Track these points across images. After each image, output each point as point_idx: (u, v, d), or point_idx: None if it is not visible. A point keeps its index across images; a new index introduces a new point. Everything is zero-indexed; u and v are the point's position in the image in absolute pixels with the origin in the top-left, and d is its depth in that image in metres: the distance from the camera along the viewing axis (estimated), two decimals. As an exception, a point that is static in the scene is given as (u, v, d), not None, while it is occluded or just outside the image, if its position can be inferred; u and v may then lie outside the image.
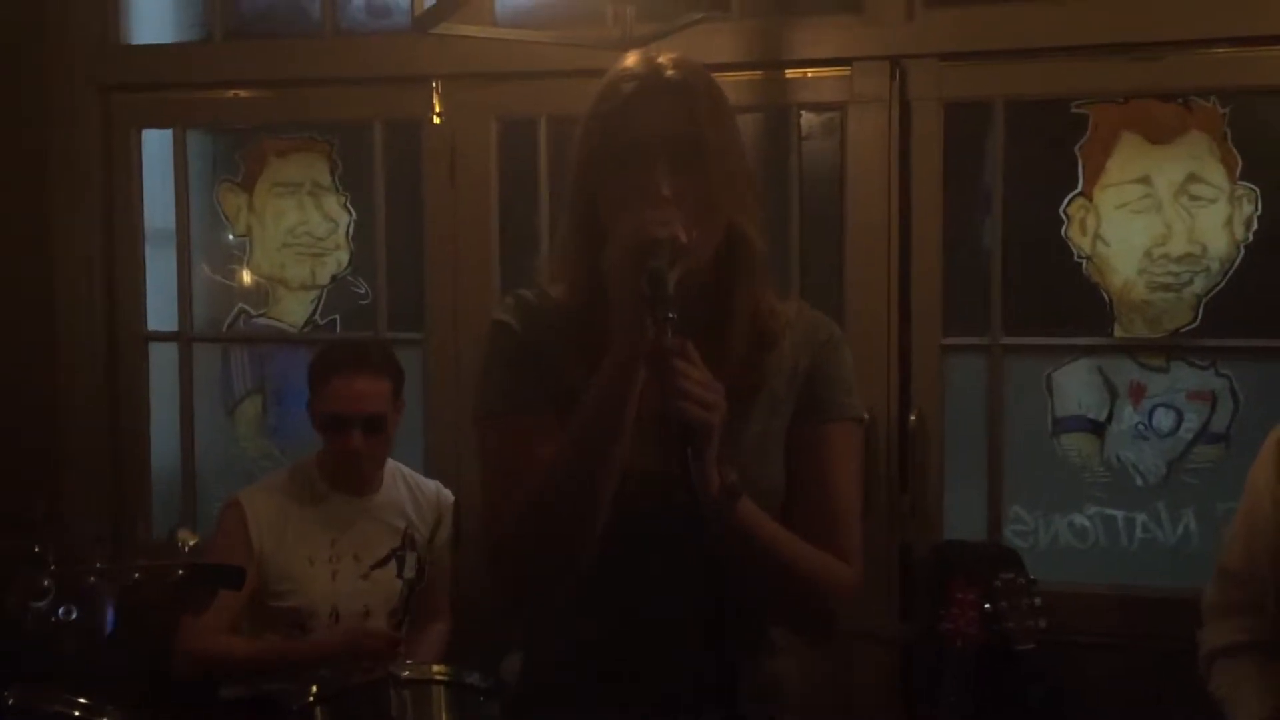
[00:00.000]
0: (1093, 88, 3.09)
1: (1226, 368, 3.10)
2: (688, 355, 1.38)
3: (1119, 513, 3.17)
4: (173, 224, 3.60)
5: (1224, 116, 3.06)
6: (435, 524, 3.06)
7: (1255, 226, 3.06)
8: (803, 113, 3.23)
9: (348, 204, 3.62)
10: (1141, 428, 3.15)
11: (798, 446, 1.65)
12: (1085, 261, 3.15)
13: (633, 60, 1.61)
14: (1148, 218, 3.10)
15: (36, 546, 2.26)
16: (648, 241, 1.43)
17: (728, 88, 1.64)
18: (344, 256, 3.64)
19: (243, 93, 3.55)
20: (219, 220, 3.70)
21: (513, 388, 1.61)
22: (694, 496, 1.32)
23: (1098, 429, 3.17)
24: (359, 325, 3.59)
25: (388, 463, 3.05)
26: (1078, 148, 3.14)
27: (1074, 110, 3.14)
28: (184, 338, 3.62)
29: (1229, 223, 3.06)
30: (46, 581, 2.22)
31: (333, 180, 3.63)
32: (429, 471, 3.22)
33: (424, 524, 3.03)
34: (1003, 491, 3.16)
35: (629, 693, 1.60)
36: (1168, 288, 3.11)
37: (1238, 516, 2.36)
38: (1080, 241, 3.15)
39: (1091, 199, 3.14)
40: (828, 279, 3.17)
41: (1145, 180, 3.10)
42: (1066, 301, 3.17)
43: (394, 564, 2.96)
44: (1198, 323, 3.09)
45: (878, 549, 3.02)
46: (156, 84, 3.57)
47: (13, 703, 2.35)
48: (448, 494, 3.12)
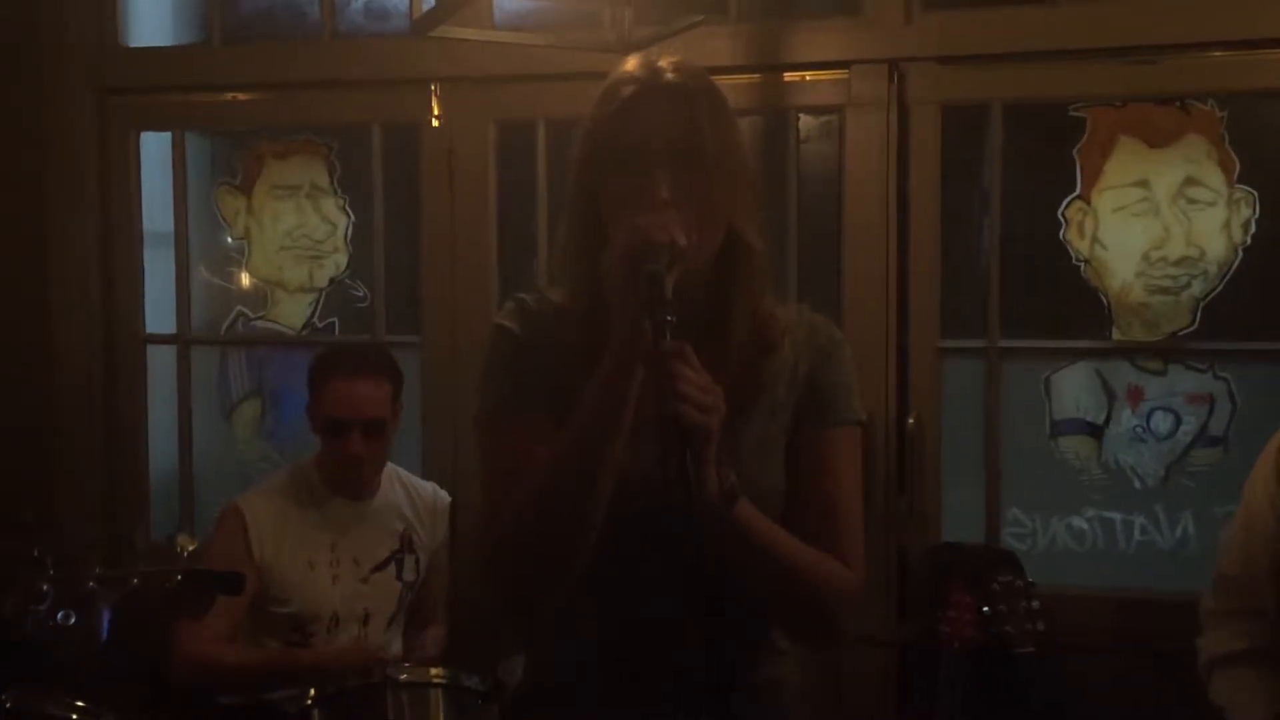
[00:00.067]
0: (1090, 91, 3.09)
1: (1224, 371, 3.10)
2: (686, 358, 1.38)
3: (1117, 515, 3.17)
4: (171, 226, 3.60)
5: (1222, 120, 3.06)
6: (432, 526, 3.06)
7: (1253, 229, 3.06)
8: (801, 116, 3.23)
9: (346, 207, 3.62)
10: (1139, 430, 3.15)
11: (799, 450, 1.64)
12: (1083, 264, 3.15)
13: (633, 64, 1.61)
14: (1146, 221, 3.10)
15: (35, 550, 2.26)
16: (646, 244, 1.43)
17: (726, 91, 1.64)
18: (342, 259, 3.64)
19: (241, 95, 3.55)
20: (217, 223, 3.70)
21: (513, 390, 1.61)
22: (692, 498, 1.32)
23: (1096, 432, 3.17)
24: (357, 328, 3.59)
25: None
26: (1075, 151, 3.14)
27: (1072, 113, 3.14)
28: (182, 340, 3.62)
29: (1227, 226, 3.07)
30: (45, 586, 2.22)
31: (331, 183, 3.63)
32: (427, 474, 3.22)
33: (422, 526, 3.04)
34: (1001, 494, 3.16)
35: (629, 693, 1.60)
36: (1166, 291, 3.11)
37: (1236, 522, 2.36)
38: (1078, 244, 3.15)
39: (1089, 202, 3.14)
40: (826, 281, 3.17)
41: (1143, 183, 3.10)
42: (1064, 304, 3.17)
43: (393, 567, 2.98)
44: (1195, 326, 3.09)
45: (875, 551, 3.01)
46: (155, 86, 3.57)
47: (10, 706, 2.34)
48: (444, 495, 3.11)
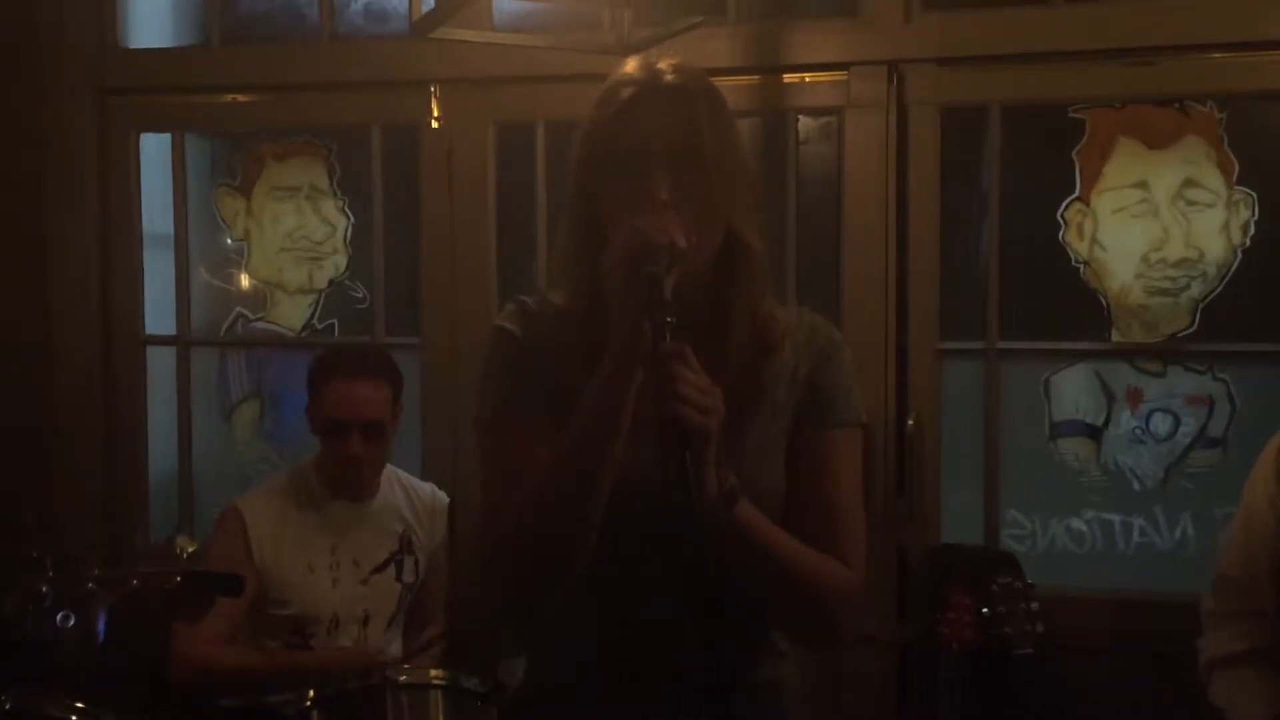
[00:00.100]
0: (1089, 92, 3.09)
1: (1224, 372, 3.10)
2: (686, 359, 1.38)
3: (1116, 517, 3.17)
4: (171, 228, 3.60)
5: (1221, 121, 3.06)
6: (431, 527, 3.06)
7: (1252, 231, 3.06)
8: (800, 117, 3.23)
9: (346, 208, 3.62)
10: (1139, 432, 3.15)
11: (799, 452, 1.65)
12: (1082, 266, 3.15)
13: (633, 65, 1.61)
14: (1145, 222, 3.11)
15: (35, 551, 2.26)
16: (646, 246, 1.43)
17: (725, 92, 1.64)
18: (342, 261, 3.64)
19: (241, 97, 3.55)
20: (217, 224, 3.70)
21: (513, 391, 1.61)
22: (692, 499, 1.32)
23: (1095, 433, 3.17)
24: (357, 329, 3.59)
25: (382, 467, 3.05)
26: (1075, 152, 3.14)
27: (1071, 115, 3.14)
28: (181, 342, 3.61)
29: (1226, 227, 3.07)
30: (45, 587, 2.22)
31: (331, 184, 3.63)
32: (426, 475, 3.22)
33: (421, 527, 3.04)
34: (1000, 495, 3.16)
35: (629, 694, 1.60)
36: (1165, 292, 3.11)
37: (1236, 523, 2.36)
38: (1077, 246, 3.15)
39: (1088, 204, 3.14)
40: (825, 283, 3.17)
41: (1142, 185, 3.10)
42: (1064, 306, 3.17)
43: (393, 568, 2.98)
44: (1195, 327, 3.09)
45: (875, 552, 2.97)
46: (155, 88, 3.57)
47: (10, 706, 2.34)
48: (443, 496, 3.12)
